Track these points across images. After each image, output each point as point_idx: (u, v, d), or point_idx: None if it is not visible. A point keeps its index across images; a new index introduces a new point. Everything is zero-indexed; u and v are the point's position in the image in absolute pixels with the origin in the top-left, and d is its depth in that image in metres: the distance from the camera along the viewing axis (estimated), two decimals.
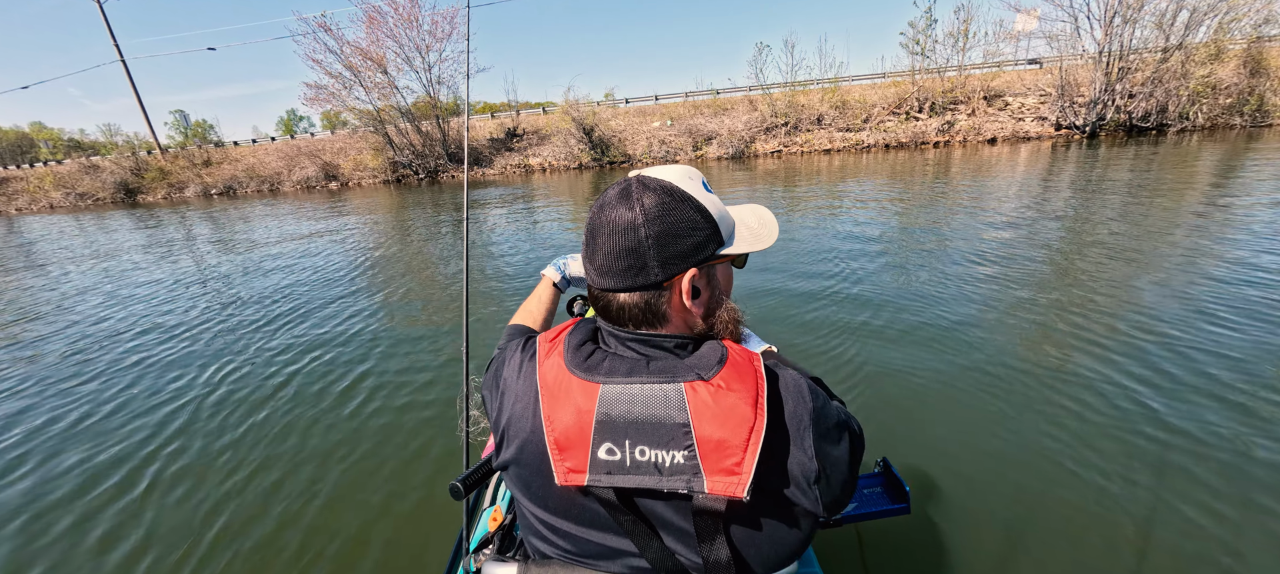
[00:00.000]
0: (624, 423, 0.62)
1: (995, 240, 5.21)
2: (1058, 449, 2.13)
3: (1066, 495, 1.89)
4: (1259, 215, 5.27)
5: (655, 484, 0.61)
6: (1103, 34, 15.75)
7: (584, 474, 0.64)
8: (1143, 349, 2.83)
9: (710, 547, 0.64)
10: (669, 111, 22.94)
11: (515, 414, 0.72)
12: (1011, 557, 1.67)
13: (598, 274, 0.70)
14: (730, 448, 0.59)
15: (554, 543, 0.74)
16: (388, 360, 3.50)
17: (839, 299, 3.92)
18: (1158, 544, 1.68)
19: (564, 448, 0.65)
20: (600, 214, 0.69)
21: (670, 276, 0.67)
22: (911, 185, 9.39)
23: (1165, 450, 2.08)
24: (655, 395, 0.62)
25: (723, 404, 0.60)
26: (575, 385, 0.66)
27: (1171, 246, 4.53)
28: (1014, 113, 17.89)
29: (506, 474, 0.76)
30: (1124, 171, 8.84)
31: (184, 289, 6.03)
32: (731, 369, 0.63)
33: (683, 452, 0.60)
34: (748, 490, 0.59)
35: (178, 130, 28.55)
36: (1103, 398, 2.44)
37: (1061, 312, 3.40)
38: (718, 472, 0.60)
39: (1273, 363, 2.56)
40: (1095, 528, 1.75)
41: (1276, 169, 7.86)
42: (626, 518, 0.66)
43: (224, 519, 2.12)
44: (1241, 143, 11.65)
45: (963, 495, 1.92)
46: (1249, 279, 3.63)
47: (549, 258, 6.03)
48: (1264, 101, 15.28)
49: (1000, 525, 1.78)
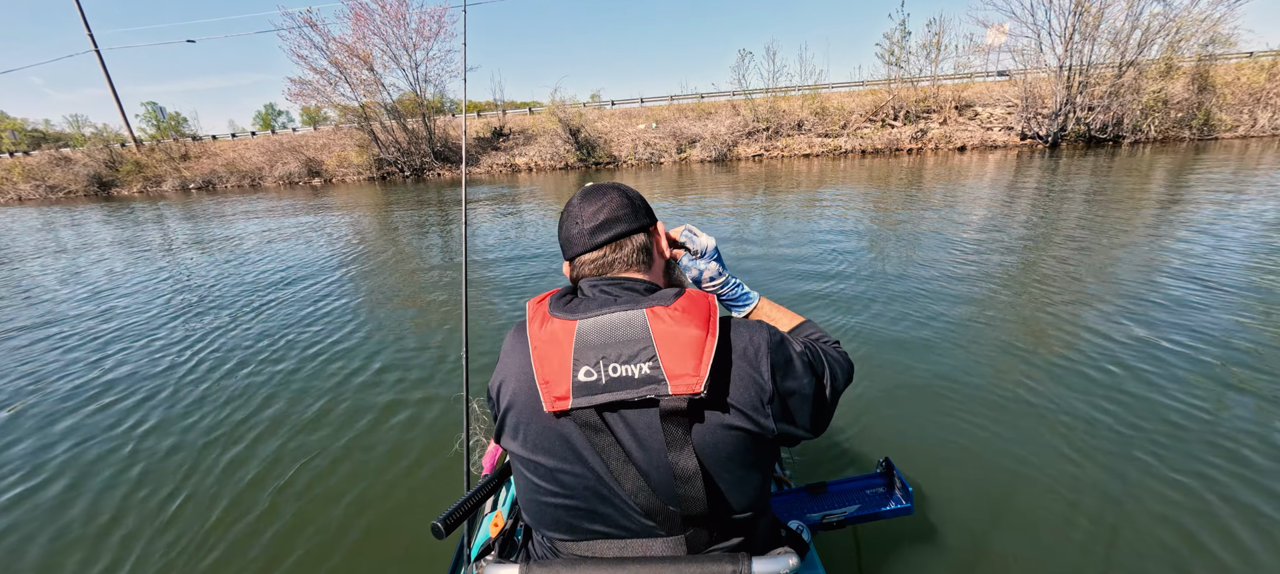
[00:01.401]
0: (597, 345, 0.73)
1: (982, 242, 5.46)
2: (1060, 444, 2.12)
3: (1068, 492, 1.88)
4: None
5: (627, 395, 0.71)
6: (1063, 50, 16.46)
7: (568, 399, 0.72)
8: (1139, 342, 2.91)
9: (678, 455, 0.71)
10: (654, 114, 23.13)
11: (511, 369, 0.81)
12: (1015, 555, 1.66)
13: (598, 230, 0.87)
14: (687, 357, 0.70)
15: (547, 493, 0.80)
16: (382, 363, 3.35)
17: (835, 300, 3.96)
18: (1164, 539, 1.68)
19: (548, 380, 0.74)
20: (587, 197, 0.90)
21: (651, 223, 0.91)
22: (889, 191, 9.70)
23: (1171, 442, 2.09)
24: (622, 320, 0.74)
25: (679, 324, 0.72)
26: (558, 326, 0.76)
27: (1165, 249, 4.84)
28: (983, 122, 18.54)
29: (505, 436, 0.83)
30: (1085, 178, 9.31)
31: (168, 283, 5.93)
32: (687, 300, 0.77)
33: (648, 363, 0.71)
34: (705, 386, 0.69)
35: (150, 122, 27.41)
36: (1106, 392, 2.47)
37: (1062, 308, 3.49)
38: (678, 376, 0.70)
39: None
40: (1098, 524, 1.75)
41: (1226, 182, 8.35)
42: (606, 439, 0.73)
43: (209, 525, 2.02)
44: (1190, 155, 12.31)
45: (964, 495, 1.90)
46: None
47: (548, 254, 6.11)
48: (1210, 116, 16.16)
49: (1003, 524, 1.77)
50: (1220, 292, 3.63)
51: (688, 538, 0.77)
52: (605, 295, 0.81)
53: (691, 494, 0.73)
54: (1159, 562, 1.62)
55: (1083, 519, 1.78)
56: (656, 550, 0.78)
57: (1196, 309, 3.37)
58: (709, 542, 0.78)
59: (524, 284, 4.96)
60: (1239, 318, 3.20)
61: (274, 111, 48.69)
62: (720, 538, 0.80)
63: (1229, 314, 3.26)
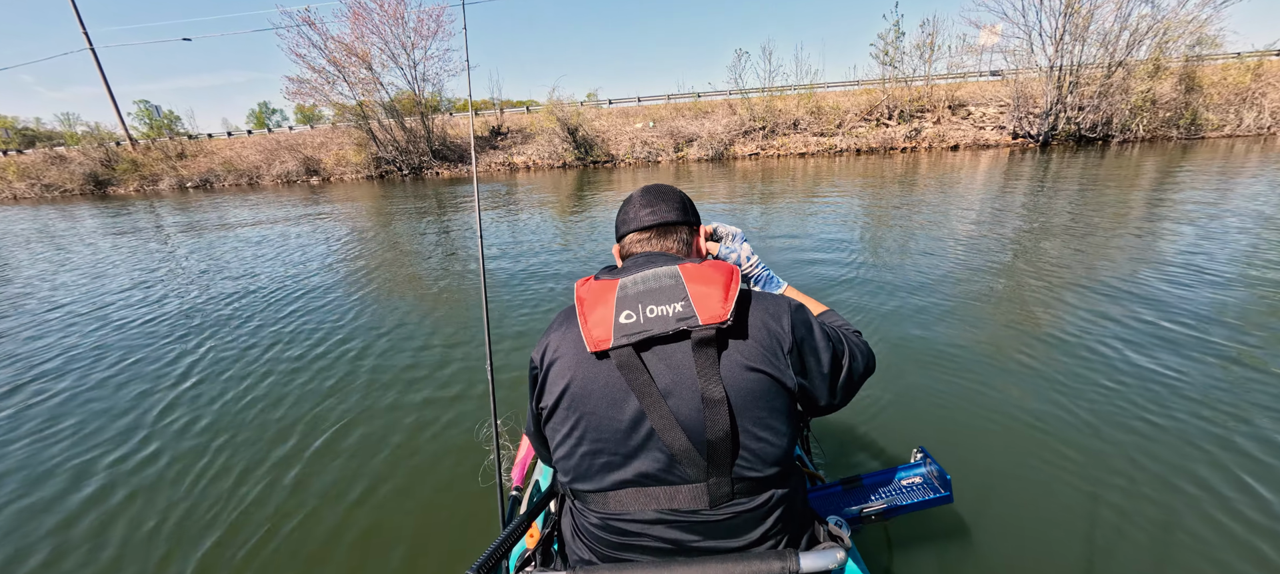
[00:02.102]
0: (636, 294, 0.85)
1: (988, 233, 5.56)
2: (1101, 428, 2.11)
3: (1104, 474, 1.85)
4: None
5: (662, 328, 0.81)
6: (1053, 50, 16.62)
7: (610, 340, 0.82)
8: (1153, 321, 3.04)
9: (707, 382, 0.80)
10: (651, 113, 23.15)
11: (557, 332, 0.91)
12: (1058, 540, 1.63)
13: (651, 215, 1.00)
14: (714, 296, 0.82)
15: (580, 441, 0.86)
16: (403, 362, 3.31)
17: (846, 291, 4.01)
18: (1213, 532, 1.67)
19: (594, 325, 0.84)
20: (647, 192, 1.04)
21: (696, 223, 1.05)
22: (897, 187, 9.79)
23: (1215, 431, 2.10)
24: (658, 274, 0.87)
25: (707, 275, 0.85)
26: (603, 286, 0.89)
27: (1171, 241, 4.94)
28: (976, 122, 18.68)
29: (547, 393, 0.89)
30: (1075, 175, 9.43)
31: (174, 284, 5.93)
32: (713, 263, 0.89)
33: (680, 302, 0.82)
34: (731, 315, 0.80)
35: (143, 121, 27.06)
36: (1134, 370, 2.51)
37: (1082, 294, 3.55)
38: (706, 309, 0.81)
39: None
40: (1140, 505, 1.74)
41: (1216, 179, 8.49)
42: (642, 377, 0.81)
43: (219, 524, 2.01)
44: (1177, 153, 12.48)
45: (1001, 481, 1.87)
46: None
47: (558, 254, 6.15)
48: (1197, 116, 16.36)
49: (1043, 510, 1.74)
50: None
51: (710, 486, 0.82)
52: (647, 261, 0.93)
53: (717, 421, 0.79)
54: (1206, 544, 1.61)
55: (1124, 501, 1.75)
56: (682, 501, 0.82)
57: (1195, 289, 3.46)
58: (731, 495, 0.83)
59: (537, 282, 4.98)
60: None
61: (268, 110, 48.28)
62: (743, 494, 0.84)
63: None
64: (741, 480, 0.83)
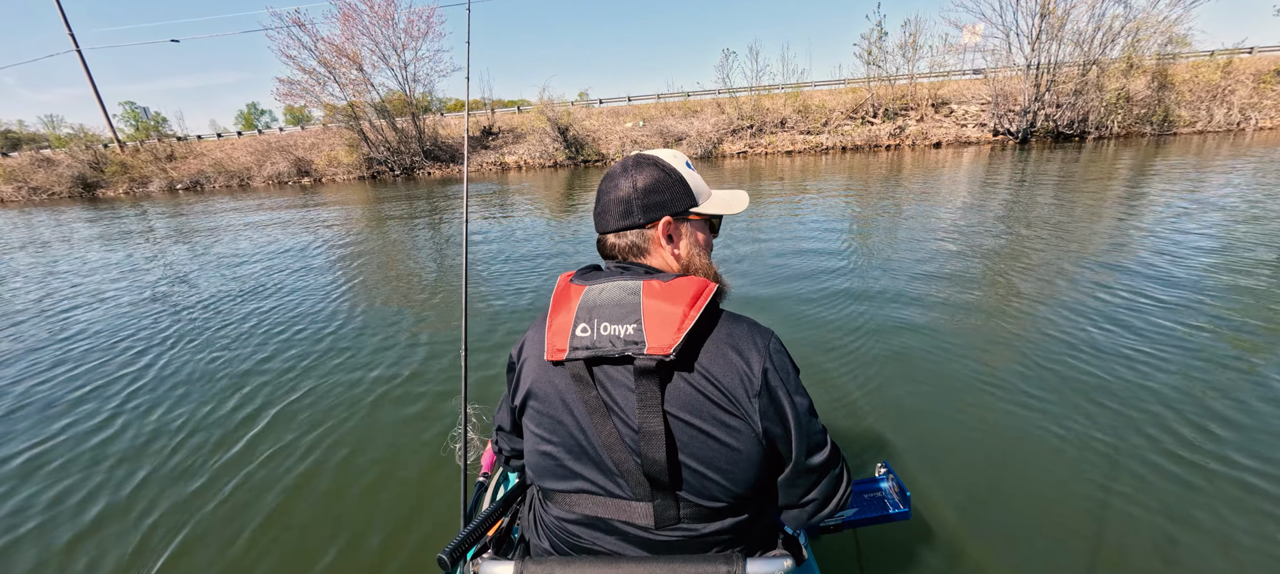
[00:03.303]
0: (596, 307, 0.81)
1: (964, 237, 5.63)
2: (1057, 445, 2.12)
3: (1065, 492, 1.87)
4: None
5: (610, 349, 0.77)
6: (1031, 50, 16.87)
7: (565, 351, 0.80)
8: (1127, 335, 2.95)
9: (646, 414, 0.76)
10: (641, 112, 23.18)
11: (533, 332, 0.92)
12: (1012, 555, 1.65)
13: (604, 221, 0.92)
14: (667, 324, 0.76)
15: (541, 441, 0.88)
16: (383, 358, 3.37)
17: (824, 301, 3.89)
18: (1155, 524, 1.70)
19: (556, 333, 0.82)
20: (608, 182, 0.92)
21: (650, 220, 0.89)
22: (884, 186, 9.90)
23: (1160, 433, 2.13)
24: (621, 288, 0.82)
25: (667, 297, 0.78)
26: (573, 290, 0.85)
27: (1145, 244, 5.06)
28: (958, 119, 18.92)
29: (519, 389, 0.92)
30: (1053, 171, 9.61)
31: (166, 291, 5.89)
32: (685, 280, 0.81)
33: (633, 325, 0.77)
34: (674, 351, 0.74)
35: (129, 122, 26.52)
36: (1103, 391, 2.46)
37: (1053, 309, 3.42)
38: (655, 337, 0.76)
39: None
40: (1091, 520, 1.74)
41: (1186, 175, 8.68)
42: (591, 392, 0.79)
43: (212, 521, 2.03)
44: (1151, 149, 12.74)
45: (961, 497, 1.88)
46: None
47: (544, 251, 6.18)
48: (1169, 113, 16.70)
49: (1000, 527, 1.75)
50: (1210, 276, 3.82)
51: (656, 508, 0.80)
52: (618, 270, 0.89)
53: (652, 455, 0.77)
54: (1149, 547, 1.64)
55: (1077, 517, 1.77)
56: (633, 516, 0.81)
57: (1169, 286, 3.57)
58: (677, 518, 0.80)
59: (521, 280, 5.01)
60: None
61: (257, 111, 47.52)
62: (691, 519, 0.81)
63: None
64: (688, 506, 0.81)
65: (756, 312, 3.71)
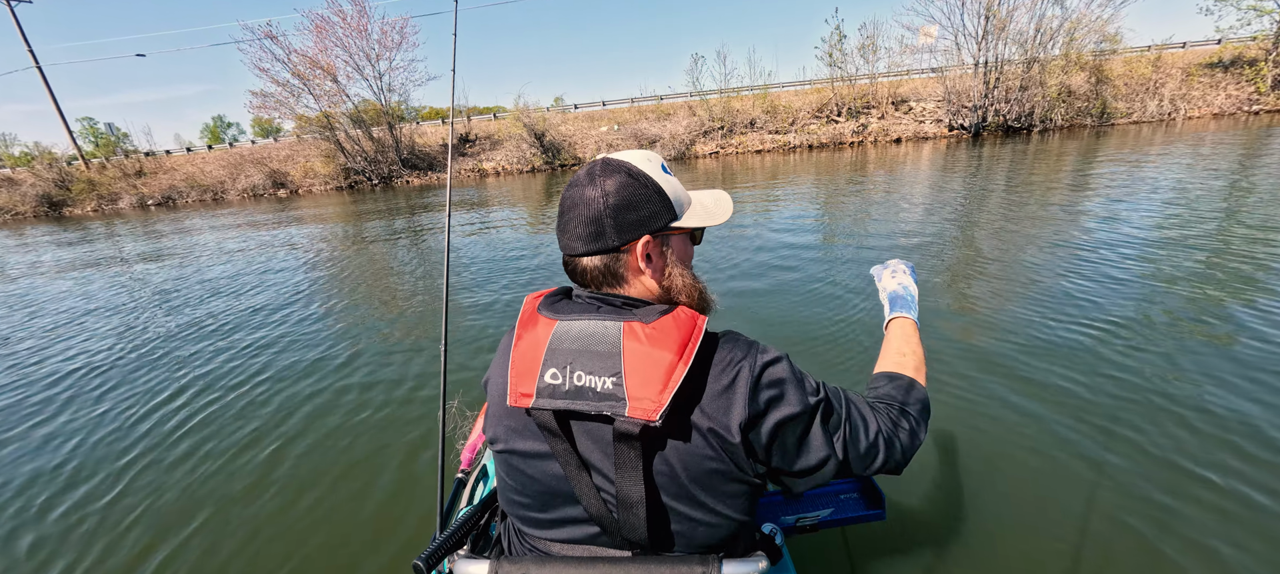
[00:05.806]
0: (568, 351, 0.67)
1: (927, 229, 5.75)
2: (1034, 444, 2.06)
3: (1044, 492, 1.83)
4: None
5: (585, 406, 0.65)
6: (977, 49, 17.46)
7: (531, 397, 0.68)
8: (1100, 332, 2.85)
9: (625, 479, 0.66)
10: (616, 117, 23.18)
11: (499, 361, 0.79)
12: (989, 557, 1.62)
13: (569, 240, 0.76)
14: (652, 381, 0.63)
15: (511, 488, 0.78)
16: (362, 360, 3.34)
17: (786, 295, 3.84)
18: (1130, 524, 1.66)
19: (520, 374, 0.70)
20: (571, 191, 0.76)
21: (625, 242, 0.74)
22: (846, 183, 10.11)
23: (1138, 429, 2.07)
24: (597, 329, 0.68)
25: (653, 344, 0.65)
26: (540, 322, 0.72)
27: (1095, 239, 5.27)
28: (916, 116, 19.44)
29: (489, 424, 0.80)
30: (1004, 165, 9.98)
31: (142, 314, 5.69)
32: (671, 320, 0.68)
33: (611, 379, 0.64)
34: (660, 417, 0.62)
35: (86, 139, 25.13)
36: (1072, 376, 2.43)
37: (1025, 304, 3.30)
38: (638, 399, 0.63)
39: None
40: (1067, 517, 1.71)
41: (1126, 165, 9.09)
42: (562, 446, 0.69)
43: (190, 528, 2.00)
44: (1091, 140, 13.32)
45: (936, 496, 1.84)
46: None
47: (524, 257, 6.15)
48: (1107, 105, 17.48)
49: (975, 527, 1.71)
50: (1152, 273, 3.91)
51: (636, 557, 0.72)
52: (592, 302, 0.76)
53: (633, 522, 0.68)
54: (1129, 547, 1.59)
55: (1051, 516, 1.73)
56: (611, 554, 0.74)
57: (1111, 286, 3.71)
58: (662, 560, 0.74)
59: (501, 285, 4.98)
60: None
61: (224, 123, 45.82)
62: (679, 561, 0.72)
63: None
64: (675, 551, 0.74)
65: (729, 307, 3.75)
